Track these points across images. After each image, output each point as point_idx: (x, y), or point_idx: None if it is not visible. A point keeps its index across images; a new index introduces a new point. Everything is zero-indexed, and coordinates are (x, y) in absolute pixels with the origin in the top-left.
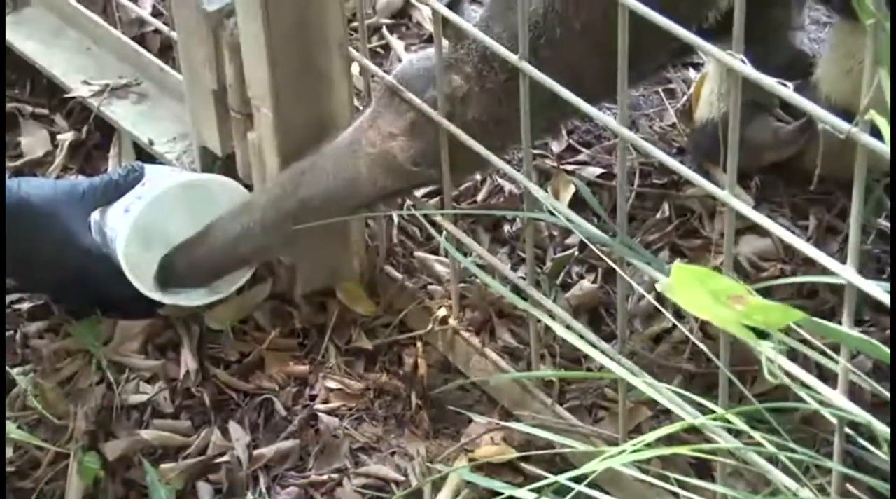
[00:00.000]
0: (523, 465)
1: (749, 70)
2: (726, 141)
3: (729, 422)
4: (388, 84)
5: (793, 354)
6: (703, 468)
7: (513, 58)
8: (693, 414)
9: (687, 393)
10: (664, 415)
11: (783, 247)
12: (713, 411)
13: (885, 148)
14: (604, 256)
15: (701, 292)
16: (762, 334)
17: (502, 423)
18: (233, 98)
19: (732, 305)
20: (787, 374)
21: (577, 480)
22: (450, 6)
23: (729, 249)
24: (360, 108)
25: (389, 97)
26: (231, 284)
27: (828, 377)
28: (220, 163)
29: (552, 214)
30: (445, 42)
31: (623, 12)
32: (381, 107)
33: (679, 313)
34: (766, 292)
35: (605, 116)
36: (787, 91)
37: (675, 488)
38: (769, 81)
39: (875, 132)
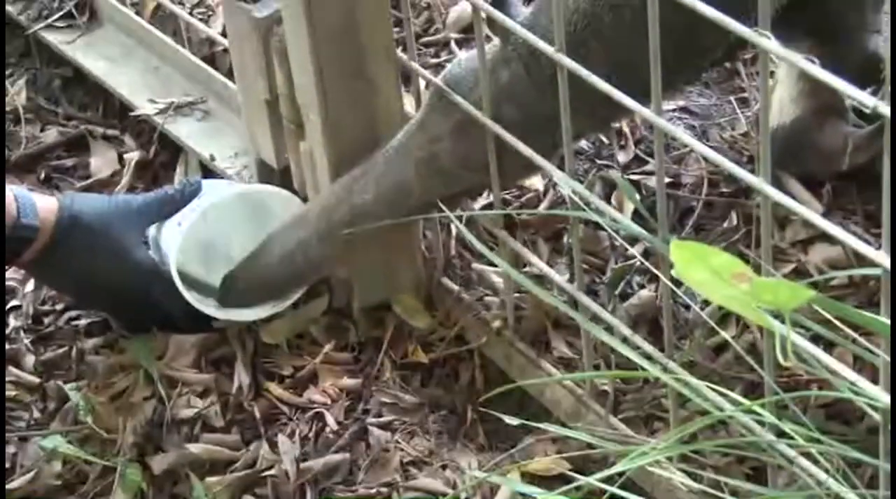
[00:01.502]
0: (576, 476)
1: (775, 47)
2: (797, 147)
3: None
4: (435, 86)
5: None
6: (760, 482)
7: (549, 49)
8: (745, 424)
9: (734, 395)
10: (721, 425)
11: (854, 255)
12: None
13: None
14: (640, 257)
15: (703, 270)
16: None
17: (546, 425)
18: (284, 107)
19: (736, 283)
20: (823, 365)
21: (625, 487)
22: (494, 3)
23: (767, 240)
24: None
25: (437, 99)
26: (286, 299)
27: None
28: (277, 176)
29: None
30: (496, 41)
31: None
32: (429, 109)
33: (744, 323)
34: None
35: (639, 106)
36: (812, 67)
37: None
38: (795, 58)
39: None
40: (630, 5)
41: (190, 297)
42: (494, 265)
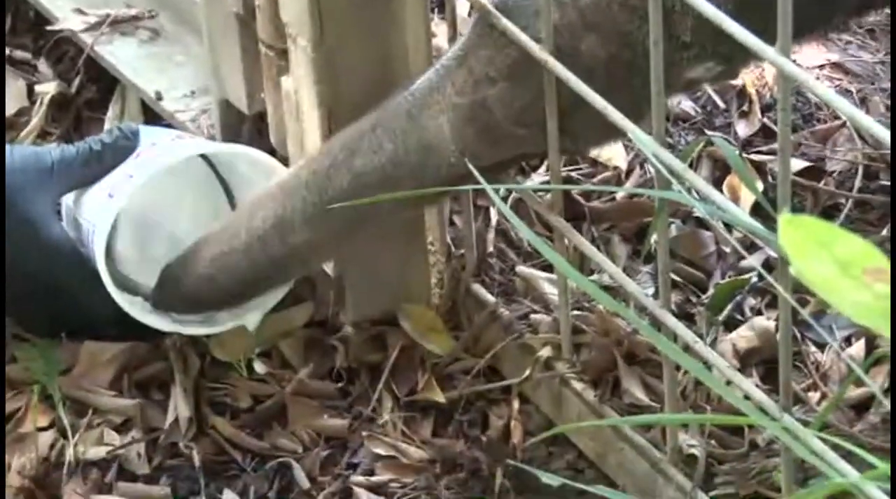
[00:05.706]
0: None
1: None
2: None
3: None
4: (486, 8)
5: None
6: None
7: None
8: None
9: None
10: None
11: None
12: None
13: None
14: (759, 268)
15: (824, 261)
16: None
17: (601, 489)
18: (263, 26)
19: (869, 282)
20: None
21: None
22: None
23: None
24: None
25: (487, 26)
26: (259, 308)
27: None
28: (248, 124)
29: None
30: None
31: None
32: (476, 38)
33: None
34: None
35: (761, 42)
36: None
37: None
38: None
39: None
40: None
41: (120, 297)
42: (548, 269)
